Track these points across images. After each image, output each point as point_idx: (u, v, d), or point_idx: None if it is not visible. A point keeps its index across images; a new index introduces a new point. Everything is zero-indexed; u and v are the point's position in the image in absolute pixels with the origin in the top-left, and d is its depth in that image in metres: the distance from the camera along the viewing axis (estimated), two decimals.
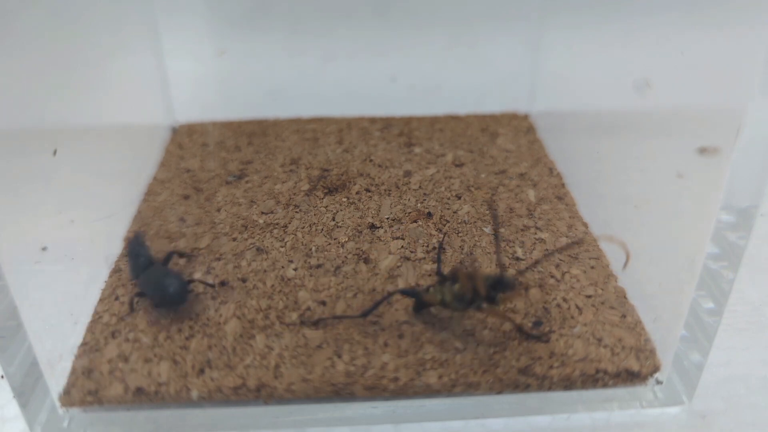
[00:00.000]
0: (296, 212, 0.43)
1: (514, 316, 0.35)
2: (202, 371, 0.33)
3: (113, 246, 0.41)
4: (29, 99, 0.35)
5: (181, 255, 0.39)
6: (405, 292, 0.36)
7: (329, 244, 0.40)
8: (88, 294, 0.37)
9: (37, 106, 0.36)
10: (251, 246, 0.40)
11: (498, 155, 0.50)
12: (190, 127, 0.56)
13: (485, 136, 0.53)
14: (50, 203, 0.37)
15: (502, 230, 0.41)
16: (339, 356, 0.33)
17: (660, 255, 0.37)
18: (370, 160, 0.49)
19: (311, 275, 0.38)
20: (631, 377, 0.33)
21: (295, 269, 0.38)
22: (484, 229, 0.41)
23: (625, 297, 0.37)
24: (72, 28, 0.40)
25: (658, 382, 0.34)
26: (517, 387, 0.33)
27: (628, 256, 0.31)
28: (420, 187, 0.46)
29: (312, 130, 0.54)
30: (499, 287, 0.32)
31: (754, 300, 0.41)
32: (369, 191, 0.45)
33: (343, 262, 0.39)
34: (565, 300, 0.36)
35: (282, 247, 0.40)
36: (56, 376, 0.33)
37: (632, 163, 0.40)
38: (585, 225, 0.43)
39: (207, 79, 0.59)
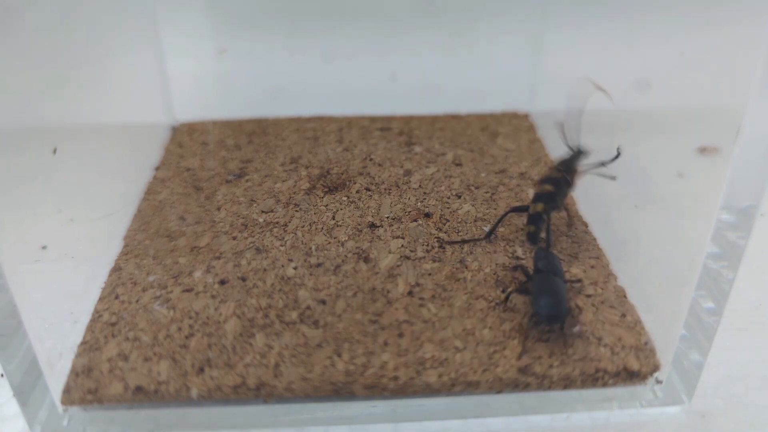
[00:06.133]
0: (296, 211, 0.43)
1: (513, 316, 0.35)
2: (201, 370, 0.33)
3: (113, 245, 0.41)
4: (29, 97, 0.35)
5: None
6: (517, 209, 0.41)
7: (329, 242, 0.40)
8: (87, 293, 0.37)
9: (36, 104, 0.36)
10: (251, 245, 0.40)
11: (498, 154, 0.50)
12: (190, 125, 0.56)
13: (485, 136, 0.53)
14: (50, 202, 0.37)
15: (501, 229, 0.41)
16: (339, 355, 0.33)
17: (660, 255, 0.37)
18: (370, 159, 0.49)
19: (311, 274, 0.38)
20: (631, 376, 0.33)
21: (295, 268, 0.38)
22: (484, 228, 0.41)
23: (624, 296, 0.37)
24: (72, 26, 0.40)
25: (658, 382, 0.34)
26: (516, 386, 0.33)
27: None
28: (420, 186, 0.46)
29: (312, 129, 0.54)
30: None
31: (754, 300, 0.41)
32: (369, 190, 0.45)
33: (343, 260, 0.39)
34: None
35: (282, 245, 0.40)
36: (56, 375, 0.33)
37: (632, 163, 0.40)
38: (585, 224, 0.43)
39: (207, 78, 0.59)
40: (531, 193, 0.44)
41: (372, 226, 0.42)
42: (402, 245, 0.40)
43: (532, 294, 0.35)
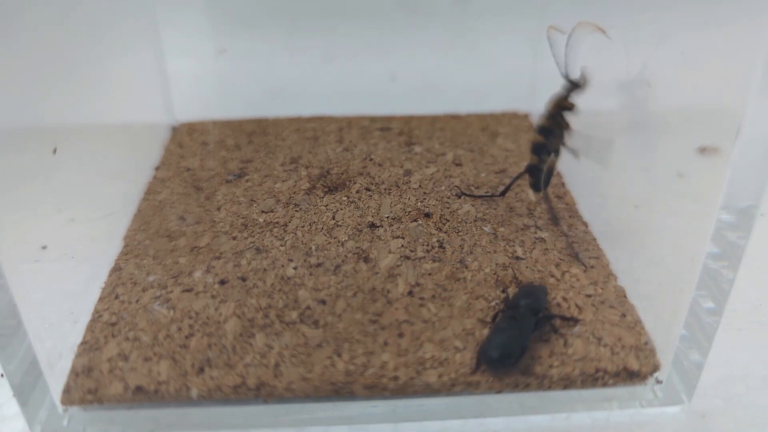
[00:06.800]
0: (296, 211, 0.43)
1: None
2: (201, 370, 0.33)
3: (113, 245, 0.41)
4: (29, 97, 0.35)
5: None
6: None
7: (329, 243, 0.40)
8: (87, 293, 0.37)
9: (37, 104, 0.36)
10: (251, 245, 0.40)
11: (498, 154, 0.50)
12: (190, 125, 0.56)
13: (485, 135, 0.53)
14: (50, 202, 0.37)
15: (501, 229, 0.41)
16: (339, 355, 0.33)
17: (660, 255, 0.37)
18: (370, 159, 0.49)
19: (311, 274, 0.38)
20: (631, 376, 0.33)
21: (295, 268, 0.38)
22: (484, 228, 0.41)
23: (624, 296, 0.37)
24: (72, 26, 0.40)
25: (658, 382, 0.34)
26: (516, 386, 0.33)
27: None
28: (420, 186, 0.46)
29: (312, 129, 0.54)
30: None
31: (754, 300, 0.41)
32: (369, 190, 0.45)
33: (343, 261, 0.39)
34: (565, 299, 0.36)
35: (282, 245, 0.40)
36: (56, 375, 0.33)
37: (632, 163, 0.40)
38: (585, 224, 0.43)
39: (207, 78, 0.59)
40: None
41: (372, 226, 0.42)
42: (402, 245, 0.40)
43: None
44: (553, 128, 0.39)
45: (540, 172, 0.40)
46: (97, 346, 0.34)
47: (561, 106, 0.38)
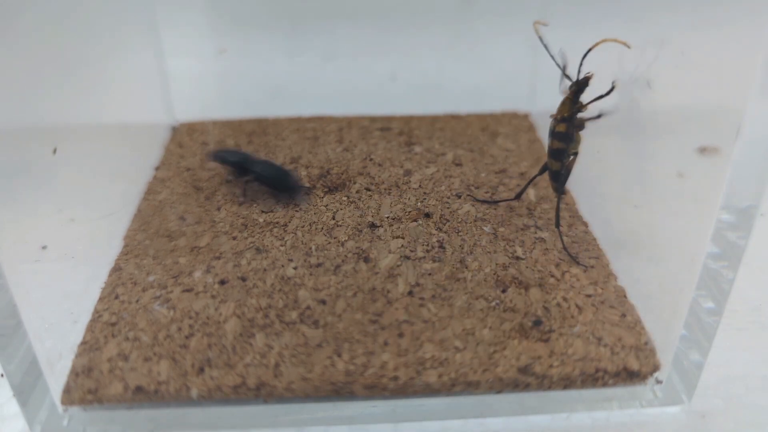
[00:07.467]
0: (296, 211, 0.43)
1: (513, 316, 0.35)
2: (201, 370, 0.33)
3: (113, 245, 0.41)
4: (29, 97, 0.35)
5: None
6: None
7: (329, 243, 0.40)
8: (87, 292, 0.37)
9: (37, 104, 0.36)
10: (251, 245, 0.40)
11: (498, 154, 0.50)
12: (190, 125, 0.56)
13: (485, 136, 0.53)
14: (50, 202, 0.37)
15: (501, 229, 0.41)
16: (339, 355, 0.33)
17: (660, 255, 0.37)
18: (370, 159, 0.49)
19: (311, 274, 0.38)
20: (631, 376, 0.33)
21: (294, 268, 0.38)
22: (484, 228, 0.41)
23: (624, 296, 0.37)
24: (72, 26, 0.40)
25: (658, 382, 0.34)
26: (516, 386, 0.33)
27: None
28: (420, 186, 0.46)
29: (312, 129, 0.54)
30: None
31: (754, 300, 0.41)
32: (369, 190, 0.45)
33: (343, 261, 0.39)
34: (565, 299, 0.36)
35: (282, 245, 0.40)
36: (56, 375, 0.33)
37: (632, 163, 0.40)
38: (585, 224, 0.43)
39: (207, 78, 0.59)
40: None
41: (372, 226, 0.42)
42: (402, 245, 0.40)
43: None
44: (570, 133, 0.39)
45: (561, 176, 0.40)
46: (97, 346, 0.34)
47: (575, 110, 0.38)
